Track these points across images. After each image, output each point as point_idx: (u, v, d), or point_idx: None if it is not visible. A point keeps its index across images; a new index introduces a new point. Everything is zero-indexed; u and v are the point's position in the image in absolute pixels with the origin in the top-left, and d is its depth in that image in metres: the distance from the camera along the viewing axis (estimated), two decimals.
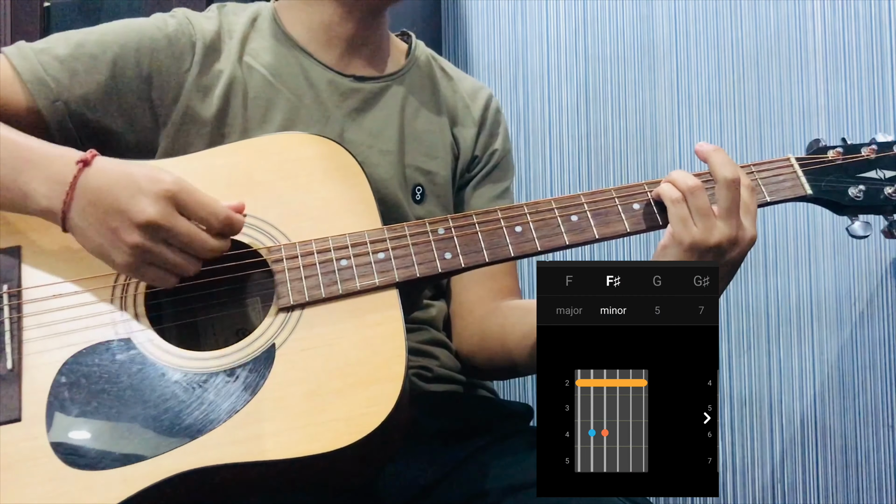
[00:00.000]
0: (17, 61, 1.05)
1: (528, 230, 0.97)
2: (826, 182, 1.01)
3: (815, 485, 1.74)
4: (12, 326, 0.90)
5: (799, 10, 1.78)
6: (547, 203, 0.99)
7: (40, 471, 0.83)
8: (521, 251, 0.97)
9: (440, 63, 1.29)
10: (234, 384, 0.87)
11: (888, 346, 1.71)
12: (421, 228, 0.97)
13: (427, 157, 1.19)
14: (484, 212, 0.99)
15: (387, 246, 0.95)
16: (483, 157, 1.26)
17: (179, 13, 1.15)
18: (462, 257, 0.96)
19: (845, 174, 1.02)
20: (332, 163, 1.00)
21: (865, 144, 1.04)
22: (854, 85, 1.74)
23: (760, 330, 1.77)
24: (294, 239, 0.95)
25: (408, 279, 0.94)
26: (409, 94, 1.20)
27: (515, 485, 1.01)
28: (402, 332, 0.90)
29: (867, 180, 1.01)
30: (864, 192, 1.01)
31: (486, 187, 1.26)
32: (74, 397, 0.86)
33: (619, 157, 1.85)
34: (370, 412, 0.84)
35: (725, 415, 1.78)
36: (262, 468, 0.83)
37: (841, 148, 1.03)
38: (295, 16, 1.18)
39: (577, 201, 0.99)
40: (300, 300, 0.92)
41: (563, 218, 0.98)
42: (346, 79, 1.16)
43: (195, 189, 0.90)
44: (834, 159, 1.02)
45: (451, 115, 1.24)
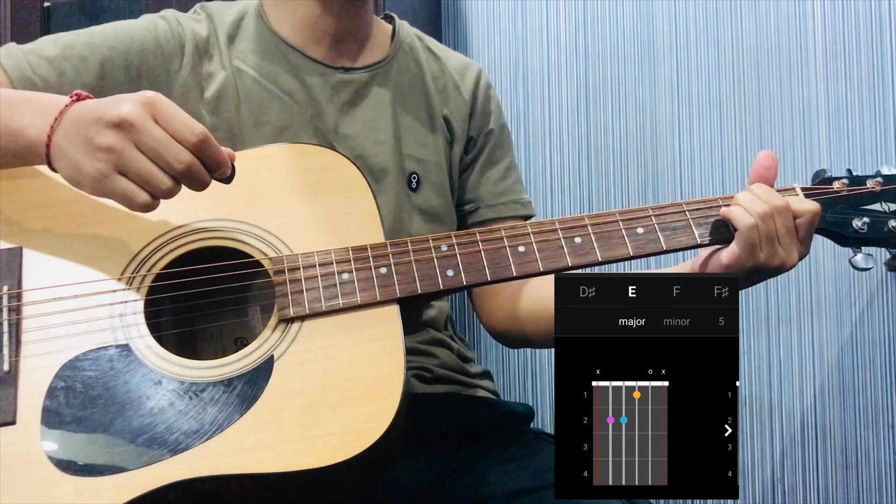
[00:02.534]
0: (5, 60, 1.05)
1: (531, 250, 0.97)
2: (831, 213, 1.02)
3: (815, 485, 1.75)
4: (11, 328, 0.89)
5: (799, 10, 1.77)
6: (551, 224, 0.99)
7: (33, 475, 0.82)
8: (523, 271, 0.97)
9: (426, 42, 1.28)
10: (230, 395, 0.87)
11: (888, 346, 1.72)
12: (424, 244, 0.97)
13: (419, 144, 1.19)
14: (488, 230, 0.99)
15: (389, 261, 0.95)
16: (479, 139, 1.26)
17: (169, 15, 1.14)
18: (464, 275, 0.96)
19: (850, 206, 1.02)
20: (337, 175, 1.00)
21: (871, 177, 1.04)
22: (854, 85, 1.74)
23: (760, 330, 1.78)
24: (296, 250, 0.95)
25: (409, 295, 0.94)
26: (398, 81, 1.20)
27: (517, 490, 1.01)
28: (401, 349, 0.90)
29: (871, 213, 1.02)
30: (868, 224, 1.01)
31: (491, 170, 1.27)
32: (70, 402, 0.86)
33: (619, 157, 1.85)
34: (366, 428, 0.84)
35: None
36: (257, 480, 0.83)
37: (846, 179, 1.04)
38: (279, 13, 1.17)
39: (581, 223, 0.99)
40: (301, 312, 0.91)
41: (566, 239, 0.98)
42: (336, 71, 1.16)
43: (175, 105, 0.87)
44: (839, 190, 1.03)
45: (442, 95, 1.24)
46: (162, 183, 0.85)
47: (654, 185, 1.82)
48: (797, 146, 1.75)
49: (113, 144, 0.84)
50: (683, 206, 1.01)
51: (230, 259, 0.94)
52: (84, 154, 0.86)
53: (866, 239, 1.02)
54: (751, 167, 1.03)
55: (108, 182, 0.85)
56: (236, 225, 0.96)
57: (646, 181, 1.83)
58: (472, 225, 1.26)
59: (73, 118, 0.87)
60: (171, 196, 0.87)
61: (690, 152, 1.81)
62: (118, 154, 0.84)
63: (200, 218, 0.96)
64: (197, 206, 0.96)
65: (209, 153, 0.86)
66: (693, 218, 1.00)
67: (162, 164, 0.84)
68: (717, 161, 1.79)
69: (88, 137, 0.85)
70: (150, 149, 0.84)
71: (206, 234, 0.96)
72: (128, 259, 0.94)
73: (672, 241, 0.99)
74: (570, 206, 1.85)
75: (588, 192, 1.85)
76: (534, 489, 1.01)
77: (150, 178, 0.84)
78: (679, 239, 0.99)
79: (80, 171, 0.86)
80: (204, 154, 0.86)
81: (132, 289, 0.92)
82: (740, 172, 1.77)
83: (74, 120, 0.87)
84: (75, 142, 0.86)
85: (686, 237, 0.99)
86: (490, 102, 1.29)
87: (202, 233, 0.96)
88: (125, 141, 0.84)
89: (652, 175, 1.83)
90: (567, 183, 1.86)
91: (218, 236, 0.96)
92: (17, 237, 0.94)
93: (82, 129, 0.86)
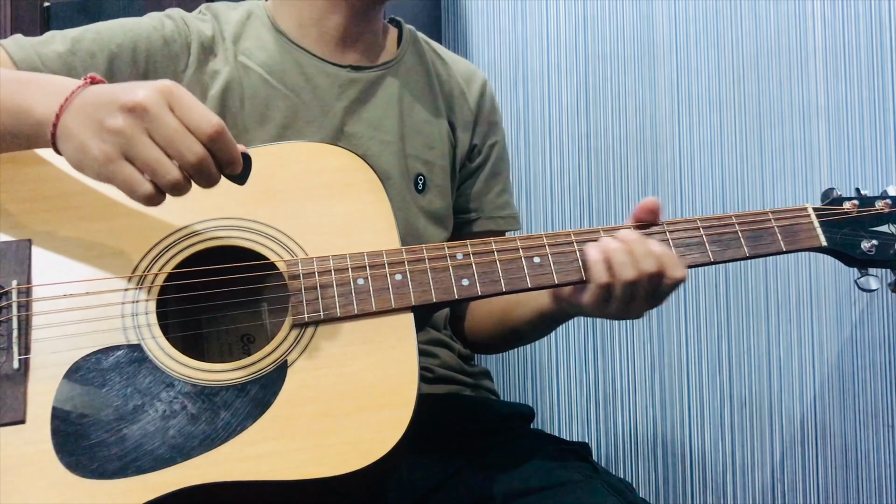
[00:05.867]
0: (14, 52, 1.04)
1: (546, 262, 0.97)
2: (841, 235, 1.02)
3: (815, 485, 1.75)
4: (21, 324, 0.87)
5: (799, 10, 1.77)
6: (566, 235, 0.99)
7: (42, 476, 0.81)
8: (538, 283, 0.97)
9: (433, 46, 1.28)
10: (244, 399, 0.86)
11: (888, 346, 1.71)
12: (439, 252, 0.96)
13: (426, 146, 1.19)
14: (503, 240, 0.98)
15: (405, 268, 0.94)
16: (484, 148, 1.27)
17: (175, 14, 1.14)
18: (479, 286, 0.95)
19: (860, 228, 1.02)
20: (353, 176, 0.99)
21: (879, 197, 1.04)
22: (854, 85, 1.74)
23: (760, 330, 1.77)
24: (311, 252, 0.94)
25: (424, 303, 0.93)
26: (405, 83, 1.20)
27: (519, 490, 1.01)
28: (415, 357, 0.89)
29: (880, 235, 1.02)
30: (876, 246, 1.02)
31: (495, 182, 1.28)
32: (80, 402, 0.85)
33: (619, 158, 1.85)
34: (380, 437, 0.83)
35: (725, 415, 1.78)
36: (268, 488, 0.82)
37: (857, 200, 1.04)
38: (286, 11, 1.17)
39: (597, 235, 0.99)
40: (315, 318, 0.91)
41: (581, 251, 0.98)
42: (343, 69, 1.16)
43: (193, 96, 0.83)
44: (849, 211, 1.03)
45: (448, 101, 1.24)
46: (169, 173, 0.80)
47: (654, 185, 1.82)
48: (797, 146, 1.75)
49: (123, 128, 0.80)
50: (733, 219, 1.01)
51: (243, 258, 0.93)
52: (92, 135, 0.81)
53: (873, 261, 1.02)
54: (750, 167, 1.03)
55: (113, 166, 0.81)
56: (250, 224, 0.95)
57: (646, 181, 1.83)
58: (468, 234, 1.26)
59: (86, 99, 0.84)
60: (177, 191, 0.82)
61: (690, 152, 1.81)
62: (127, 138, 0.80)
63: (214, 216, 0.95)
64: (211, 204, 0.94)
65: (224, 147, 0.82)
66: (742, 231, 1.00)
67: (173, 154, 0.80)
68: (717, 161, 1.79)
69: (99, 119, 0.81)
70: (163, 136, 0.80)
71: (220, 232, 0.94)
72: (139, 255, 0.92)
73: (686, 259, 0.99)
74: (570, 207, 1.86)
75: (588, 193, 1.85)
76: (534, 490, 1.01)
77: (158, 167, 0.80)
78: (729, 252, 1.00)
79: (86, 153, 0.82)
80: (218, 147, 0.82)
81: (144, 287, 0.91)
82: (740, 172, 1.77)
83: (87, 101, 0.83)
84: (85, 122, 0.82)
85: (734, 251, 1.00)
86: (495, 113, 1.29)
87: (215, 231, 0.94)
88: (136, 126, 0.80)
89: (652, 175, 1.83)
90: (567, 183, 1.86)
91: (232, 236, 0.94)
92: (26, 229, 0.92)
93: (94, 110, 0.82)
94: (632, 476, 1.82)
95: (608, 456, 1.83)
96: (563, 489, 1.00)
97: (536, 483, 1.02)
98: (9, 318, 0.88)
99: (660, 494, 1.81)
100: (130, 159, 0.81)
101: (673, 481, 1.81)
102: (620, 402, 1.83)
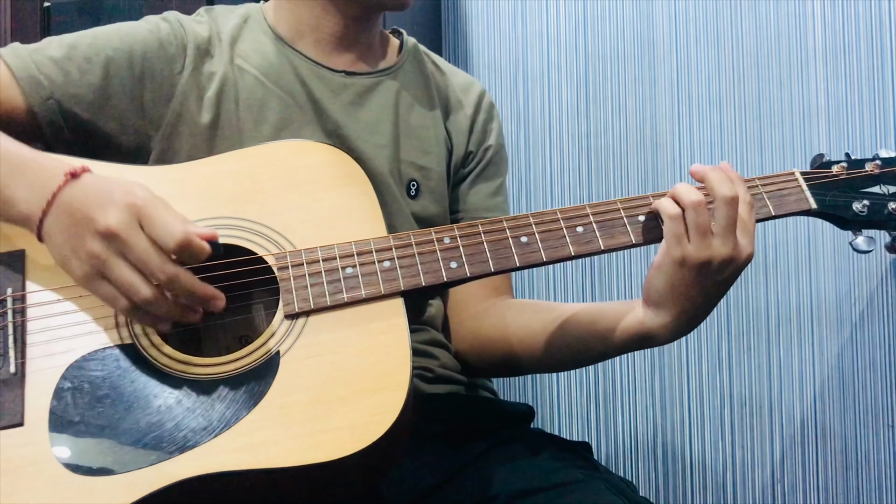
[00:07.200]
0: (11, 60, 1.05)
1: (533, 241, 0.97)
2: (830, 196, 1.01)
3: (815, 485, 1.75)
4: (16, 330, 0.89)
5: (799, 10, 1.78)
6: (552, 213, 0.99)
7: (42, 476, 0.82)
8: (526, 262, 0.97)
9: (432, 58, 1.29)
10: (238, 391, 0.86)
11: (888, 346, 1.72)
12: (427, 237, 0.97)
13: (421, 152, 1.20)
14: (489, 221, 0.99)
15: (392, 255, 0.95)
16: (477, 153, 1.27)
17: (171, 17, 1.15)
18: (468, 266, 0.96)
19: (850, 189, 1.02)
20: (338, 171, 1.00)
21: (869, 160, 1.03)
22: (854, 85, 1.74)
23: (760, 330, 1.78)
24: (299, 246, 0.94)
25: (413, 288, 0.94)
26: (402, 89, 1.20)
27: (519, 490, 1.01)
28: (407, 341, 0.89)
29: (871, 195, 1.02)
30: (868, 207, 1.01)
31: (482, 185, 1.27)
32: (77, 402, 0.86)
33: (619, 157, 1.85)
34: (375, 421, 0.84)
35: (726, 415, 1.78)
36: (266, 476, 0.83)
37: (845, 163, 1.03)
38: (283, 15, 1.18)
39: (583, 212, 0.99)
40: (305, 308, 0.91)
41: (568, 229, 0.98)
42: (337, 74, 1.16)
43: (165, 206, 0.88)
44: (838, 174, 1.03)
45: (444, 108, 1.25)
46: (138, 293, 0.86)
47: (654, 185, 1.82)
48: (797, 146, 1.76)
49: (98, 253, 0.86)
50: None
51: (233, 257, 0.93)
52: (71, 254, 0.88)
53: (867, 222, 1.02)
54: (750, 167, 1.03)
55: (92, 285, 0.88)
56: (239, 222, 0.96)
57: (646, 181, 1.83)
58: None
59: (65, 208, 0.89)
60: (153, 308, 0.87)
61: (690, 152, 1.81)
62: (102, 262, 0.86)
63: (203, 216, 0.95)
64: (199, 205, 0.96)
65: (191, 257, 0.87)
66: None
67: (146, 273, 0.86)
68: (717, 161, 1.78)
69: (78, 237, 0.87)
70: (135, 258, 0.86)
71: None
72: None
73: None
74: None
75: (588, 192, 1.86)
76: (536, 489, 1.01)
77: (129, 288, 0.87)
78: None
79: (68, 268, 0.89)
80: (187, 259, 0.87)
81: None
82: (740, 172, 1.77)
83: (66, 211, 0.88)
84: (66, 237, 0.88)
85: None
86: (491, 121, 1.29)
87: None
88: (109, 251, 0.86)
89: (652, 175, 1.83)
90: (567, 183, 1.87)
91: (221, 234, 0.95)
92: (20, 240, 0.94)
93: (72, 226, 0.88)
94: (632, 476, 1.82)
95: (608, 456, 1.83)
96: (564, 489, 1.00)
97: (538, 483, 1.02)
98: (4, 325, 0.90)
99: (660, 494, 1.81)
100: (105, 279, 0.87)
101: (673, 481, 1.81)
102: (621, 402, 1.83)
